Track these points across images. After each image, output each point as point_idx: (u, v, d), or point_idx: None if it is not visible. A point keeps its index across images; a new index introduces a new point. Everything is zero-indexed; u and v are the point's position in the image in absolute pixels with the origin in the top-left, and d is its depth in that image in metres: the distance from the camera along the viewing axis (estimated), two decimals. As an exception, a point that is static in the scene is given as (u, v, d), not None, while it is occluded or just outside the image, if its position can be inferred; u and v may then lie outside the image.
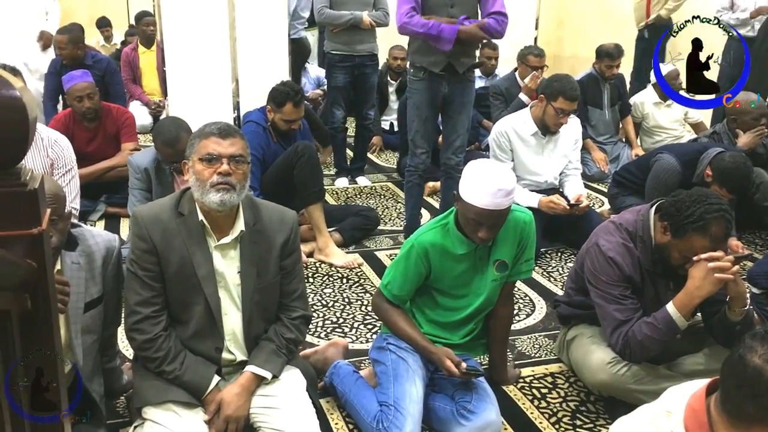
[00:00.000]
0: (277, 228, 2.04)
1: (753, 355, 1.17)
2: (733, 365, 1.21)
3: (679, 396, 1.33)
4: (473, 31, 3.29)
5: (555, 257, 3.75)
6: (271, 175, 3.59)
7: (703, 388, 1.31)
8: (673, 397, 1.35)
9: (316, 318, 2.97)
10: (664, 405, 1.34)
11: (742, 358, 1.18)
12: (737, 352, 1.20)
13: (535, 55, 5.06)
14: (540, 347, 2.80)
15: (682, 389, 1.35)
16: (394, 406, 2.09)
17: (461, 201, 2.11)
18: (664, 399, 1.37)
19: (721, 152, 3.49)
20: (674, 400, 1.33)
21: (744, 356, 1.18)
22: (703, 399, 1.28)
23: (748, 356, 1.17)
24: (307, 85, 5.90)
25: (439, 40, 3.29)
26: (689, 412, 1.28)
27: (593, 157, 5.17)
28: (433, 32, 3.27)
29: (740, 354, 1.19)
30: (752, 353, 1.17)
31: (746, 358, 1.17)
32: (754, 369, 1.15)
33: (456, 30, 3.26)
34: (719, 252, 2.08)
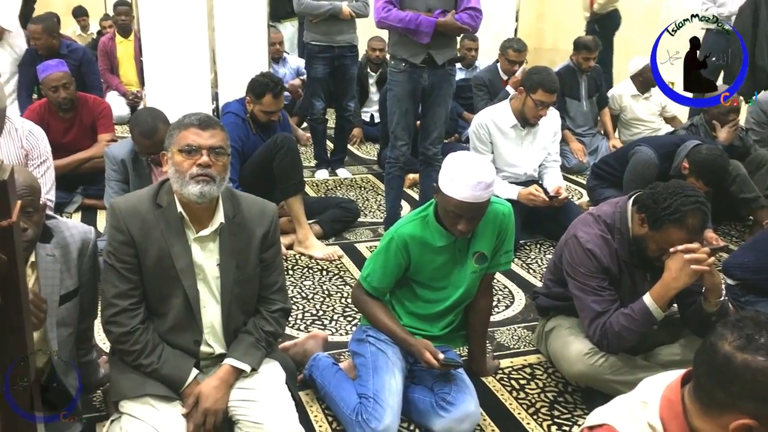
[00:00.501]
0: (256, 220, 2.03)
1: (723, 342, 1.18)
2: (704, 353, 1.22)
3: (654, 387, 1.35)
4: (450, 22, 3.30)
5: (534, 249, 3.77)
6: (251, 167, 3.57)
7: (678, 378, 1.32)
8: (648, 388, 1.36)
9: (295, 310, 2.96)
10: (639, 396, 1.35)
11: (713, 346, 1.19)
12: (708, 340, 1.22)
13: (515, 50, 5.08)
14: (519, 338, 2.82)
15: (658, 380, 1.36)
16: (374, 398, 2.09)
17: (441, 193, 2.11)
18: (639, 390, 1.38)
19: (698, 145, 3.53)
20: (650, 391, 1.34)
21: (715, 344, 1.19)
22: (678, 389, 1.29)
23: (719, 344, 1.18)
24: (287, 76, 5.86)
25: (417, 33, 3.29)
26: (664, 402, 1.29)
27: (571, 148, 5.21)
28: (411, 26, 3.28)
29: (711, 342, 1.20)
30: (723, 341, 1.18)
31: (717, 345, 1.18)
32: (723, 356, 1.16)
33: (433, 23, 3.27)
34: (695, 244, 2.10)
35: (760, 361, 1.12)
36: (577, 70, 5.27)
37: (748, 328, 1.16)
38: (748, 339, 1.15)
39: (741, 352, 1.15)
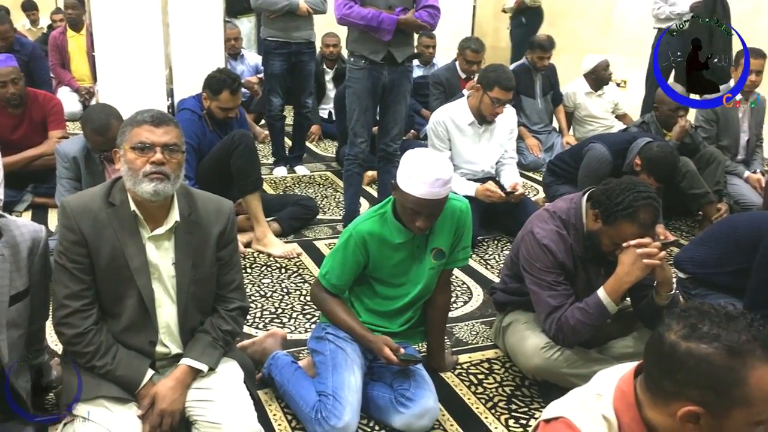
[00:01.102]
0: (213, 218, 2.00)
1: (669, 332, 1.21)
2: (652, 343, 1.25)
3: (608, 379, 1.37)
4: (411, 20, 3.32)
5: (491, 245, 3.81)
6: (207, 164, 3.53)
7: (632, 370, 1.35)
8: (603, 380, 1.39)
9: (254, 309, 2.94)
10: (594, 388, 1.38)
11: (659, 336, 1.22)
12: (656, 331, 1.25)
13: (473, 50, 5.13)
14: (477, 334, 2.84)
15: (612, 372, 1.39)
16: (333, 395, 2.09)
17: (399, 190, 2.12)
18: (594, 382, 1.41)
19: (650, 142, 3.61)
20: (604, 383, 1.37)
21: (661, 334, 1.22)
22: (631, 381, 1.32)
23: (665, 334, 1.21)
24: (244, 73, 5.80)
25: (378, 31, 3.29)
26: (618, 393, 1.32)
27: (527, 145, 5.28)
28: (374, 23, 3.28)
29: (658, 332, 1.23)
30: (669, 331, 1.21)
31: (663, 335, 1.21)
32: (669, 345, 1.19)
33: (395, 20, 3.28)
34: (647, 238, 2.15)
35: (703, 349, 1.15)
36: (532, 69, 5.35)
37: (693, 317, 1.20)
38: (692, 328, 1.18)
39: (685, 341, 1.18)
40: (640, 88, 5.91)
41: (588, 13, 7.12)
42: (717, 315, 1.19)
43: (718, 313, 1.19)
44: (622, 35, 6.78)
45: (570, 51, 6.32)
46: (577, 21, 7.14)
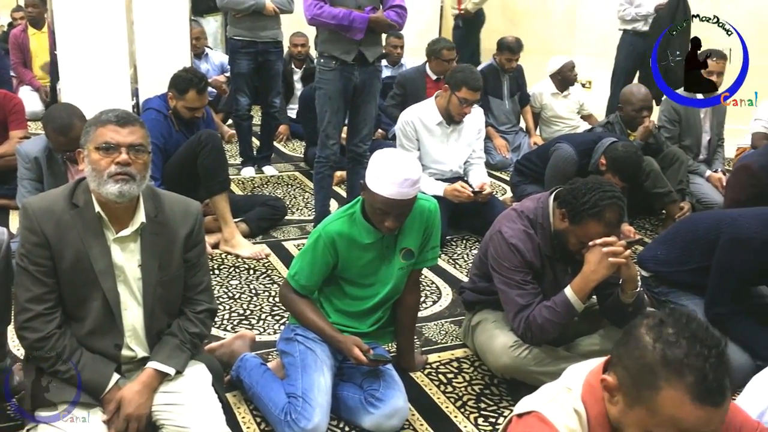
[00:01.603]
0: (180, 219, 1.98)
1: (644, 320, 1.25)
2: (628, 333, 1.28)
3: (578, 373, 1.40)
4: (382, 18, 3.32)
5: (460, 244, 3.83)
6: (174, 164, 3.49)
7: (601, 364, 1.37)
8: (572, 374, 1.41)
9: (222, 310, 2.91)
10: (564, 382, 1.40)
11: (636, 326, 1.25)
12: (636, 322, 1.28)
13: (448, 49, 5.15)
14: (446, 333, 2.85)
15: (581, 367, 1.41)
16: (303, 397, 2.08)
17: (368, 190, 2.11)
18: (564, 377, 1.43)
19: (614, 142, 3.66)
20: (573, 377, 1.39)
21: (638, 324, 1.25)
22: (600, 375, 1.34)
23: (641, 319, 1.25)
24: (209, 72, 5.75)
25: (350, 30, 3.29)
26: (587, 387, 1.34)
27: (495, 145, 5.32)
28: (345, 22, 3.28)
29: (636, 323, 1.26)
30: (646, 319, 1.25)
31: (638, 319, 1.26)
32: (633, 324, 1.25)
33: (366, 19, 3.28)
34: (613, 237, 2.18)
35: (648, 341, 1.20)
36: (500, 70, 5.39)
37: (670, 321, 1.21)
38: (660, 324, 1.21)
39: (644, 329, 1.23)
40: (605, 89, 5.99)
41: (553, 15, 7.20)
42: (686, 330, 1.20)
43: (689, 329, 1.20)
44: (588, 36, 6.87)
45: (536, 52, 6.37)
46: (542, 22, 7.22)
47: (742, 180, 3.01)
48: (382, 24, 3.37)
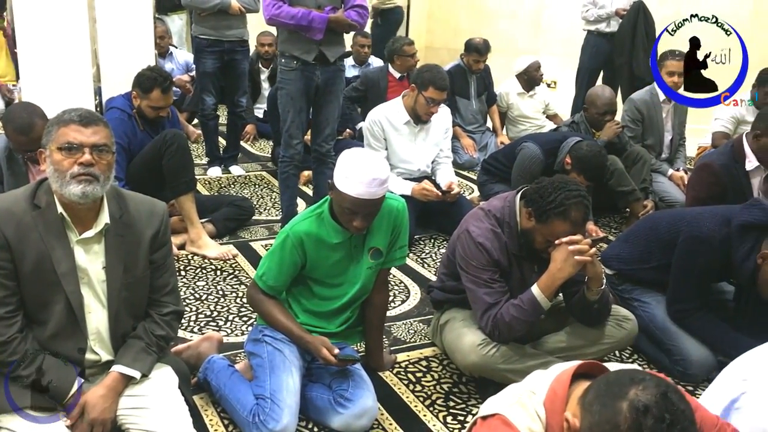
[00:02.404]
0: (145, 220, 1.95)
1: (638, 388, 1.21)
2: (624, 375, 1.26)
3: (543, 378, 1.41)
4: (342, 18, 3.32)
5: (428, 244, 3.85)
6: (139, 164, 3.44)
7: (569, 372, 1.37)
8: (538, 379, 1.42)
9: (188, 312, 2.88)
10: (529, 386, 1.41)
11: (632, 381, 1.22)
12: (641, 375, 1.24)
13: (409, 44, 5.18)
14: (415, 332, 2.86)
15: (548, 372, 1.43)
16: (271, 398, 2.07)
17: (336, 190, 2.11)
18: (529, 380, 1.44)
19: (579, 141, 3.71)
20: (538, 382, 1.40)
21: (635, 381, 1.22)
22: (567, 385, 1.35)
23: (636, 384, 1.21)
24: (174, 71, 5.67)
25: (309, 30, 3.28)
26: (550, 394, 1.35)
27: (462, 144, 5.35)
28: (304, 22, 3.26)
29: (636, 377, 1.23)
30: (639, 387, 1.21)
31: (634, 384, 1.21)
32: (622, 391, 1.21)
33: (326, 18, 3.27)
34: (578, 235, 2.21)
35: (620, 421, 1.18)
36: (467, 70, 5.42)
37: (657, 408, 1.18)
38: (645, 409, 1.18)
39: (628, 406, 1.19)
40: (570, 89, 6.06)
41: (520, 15, 7.26)
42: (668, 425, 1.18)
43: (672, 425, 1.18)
44: (553, 37, 6.95)
45: (502, 52, 6.43)
46: (509, 22, 7.27)
47: (703, 178, 3.07)
48: (342, 24, 3.36)
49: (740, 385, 1.60)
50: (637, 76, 5.33)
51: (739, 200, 2.86)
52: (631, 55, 5.42)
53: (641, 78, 5.20)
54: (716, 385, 1.77)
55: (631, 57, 5.42)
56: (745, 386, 1.58)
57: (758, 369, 1.58)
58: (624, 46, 5.43)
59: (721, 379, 1.77)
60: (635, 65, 5.40)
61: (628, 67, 5.43)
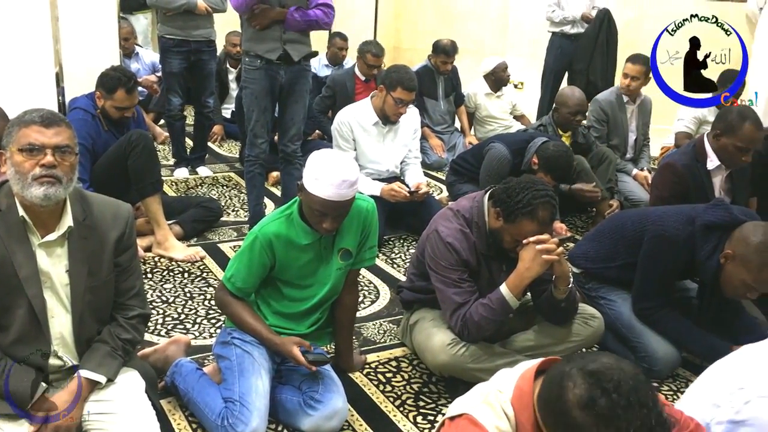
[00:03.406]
0: (110, 222, 1.92)
1: (570, 387, 1.22)
2: (551, 384, 1.27)
3: (509, 376, 1.42)
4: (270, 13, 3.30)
5: (398, 244, 3.85)
6: (103, 166, 3.39)
7: (533, 369, 1.39)
8: (504, 377, 1.43)
9: (155, 315, 2.84)
10: (495, 384, 1.42)
11: (560, 386, 1.24)
12: (561, 375, 1.25)
13: (374, 54, 5.18)
14: (385, 332, 2.86)
15: (513, 371, 1.44)
16: (240, 401, 2.05)
17: (305, 192, 2.10)
18: (496, 378, 1.45)
19: (546, 141, 3.75)
20: (505, 380, 1.41)
21: (564, 385, 1.24)
22: (531, 381, 1.36)
23: (567, 386, 1.23)
24: (140, 71, 5.60)
25: None
26: (517, 392, 1.36)
27: (431, 145, 5.37)
28: None
29: (561, 381, 1.24)
30: (570, 385, 1.23)
31: (564, 387, 1.23)
32: (563, 403, 1.22)
33: None
34: (546, 235, 2.24)
35: (589, 426, 1.19)
36: (435, 71, 5.44)
37: (597, 388, 1.20)
38: (591, 400, 1.20)
39: (579, 409, 1.20)
40: (536, 90, 6.12)
41: (487, 16, 7.31)
42: (618, 397, 1.19)
43: (621, 394, 1.19)
44: (519, 38, 7.00)
45: (470, 53, 6.47)
46: (476, 23, 7.31)
47: (667, 178, 3.12)
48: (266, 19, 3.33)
49: (738, 394, 1.52)
50: (591, 81, 5.42)
51: (702, 199, 2.92)
52: (589, 62, 5.50)
53: (595, 84, 5.29)
54: (702, 394, 1.66)
55: (589, 65, 5.51)
56: (745, 395, 1.50)
57: (754, 376, 1.52)
58: (586, 53, 5.51)
59: (708, 388, 1.66)
60: (591, 71, 5.49)
61: (585, 73, 5.52)
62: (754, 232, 2.28)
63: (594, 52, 5.47)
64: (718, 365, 1.69)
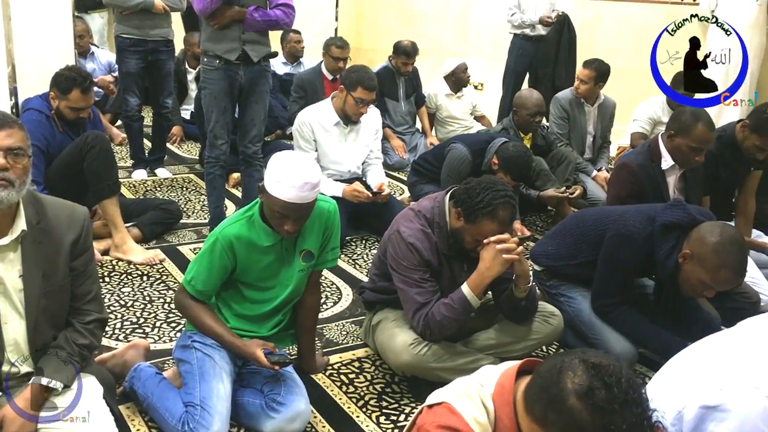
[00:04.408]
0: (65, 226, 1.88)
1: (570, 376, 1.23)
2: (550, 371, 1.27)
3: (492, 372, 1.44)
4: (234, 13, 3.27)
5: (360, 245, 3.85)
6: (58, 168, 3.32)
7: (515, 367, 1.40)
8: (487, 373, 1.45)
9: (113, 319, 2.79)
10: (478, 378, 1.44)
11: (560, 373, 1.24)
12: (560, 363, 1.26)
13: (338, 46, 5.19)
14: (347, 333, 2.86)
15: (496, 368, 1.46)
16: (201, 405, 2.02)
17: (266, 194, 2.09)
18: (479, 373, 1.47)
19: (506, 142, 3.79)
20: (487, 375, 1.43)
21: (562, 372, 1.24)
22: (513, 378, 1.38)
23: (566, 374, 1.23)
24: (96, 71, 5.49)
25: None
26: (498, 388, 1.38)
27: (392, 145, 5.39)
28: None
29: (561, 367, 1.25)
30: (570, 374, 1.23)
31: (563, 374, 1.24)
32: (561, 389, 1.22)
33: None
34: (506, 234, 2.26)
35: (585, 416, 1.20)
36: (395, 72, 5.46)
37: (597, 380, 1.21)
38: (590, 391, 1.20)
39: (576, 398, 1.21)
40: (496, 91, 6.18)
41: (447, 17, 7.35)
42: (618, 392, 1.20)
43: (620, 391, 1.20)
44: (480, 40, 7.06)
45: (430, 54, 6.50)
46: (436, 24, 7.35)
47: (623, 177, 3.18)
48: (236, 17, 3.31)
49: (713, 381, 1.51)
50: (557, 86, 5.51)
51: (657, 198, 2.98)
52: (554, 66, 5.59)
53: (561, 88, 5.37)
54: (674, 382, 1.65)
55: (554, 69, 5.59)
56: (719, 382, 1.50)
57: (728, 364, 1.52)
58: (549, 57, 5.60)
59: (679, 376, 1.65)
60: (557, 77, 5.58)
61: (551, 77, 5.60)
62: (712, 232, 2.33)
63: (558, 56, 5.56)
64: (685, 355, 1.70)
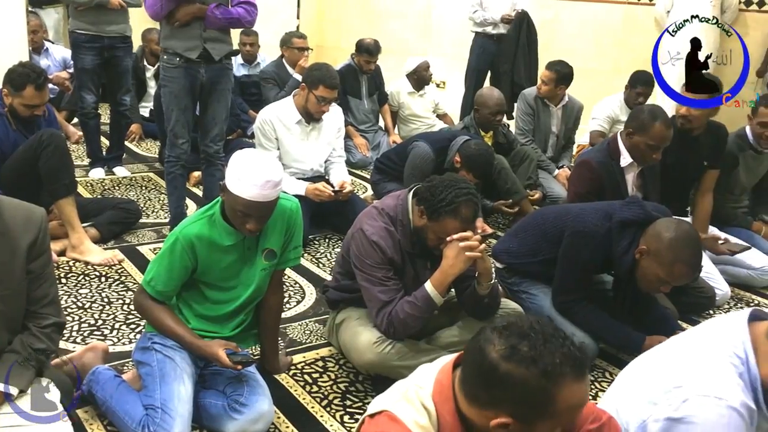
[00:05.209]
0: (21, 228, 1.83)
1: (491, 348, 1.26)
2: (472, 354, 1.30)
3: (429, 371, 1.43)
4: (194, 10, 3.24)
5: (323, 243, 3.84)
6: (12, 167, 3.24)
7: (450, 362, 1.40)
8: (423, 373, 1.44)
9: (71, 322, 2.74)
10: (415, 380, 1.43)
11: (481, 350, 1.27)
12: (478, 343, 1.29)
13: (299, 37, 5.22)
14: (311, 333, 2.85)
15: (433, 365, 1.45)
16: (161, 407, 1.99)
17: (228, 192, 2.06)
18: (415, 374, 1.46)
19: (468, 140, 3.81)
20: (424, 375, 1.42)
21: (483, 348, 1.27)
22: (450, 374, 1.38)
23: (487, 349, 1.26)
24: (50, 68, 5.37)
25: None
26: (437, 386, 1.38)
27: (355, 143, 5.38)
28: None
29: (480, 346, 1.28)
30: (490, 346, 1.26)
31: (485, 350, 1.27)
32: (489, 363, 1.25)
33: None
34: (468, 232, 2.27)
35: (521, 371, 1.23)
36: (358, 71, 5.45)
37: (514, 337, 1.25)
38: (513, 349, 1.24)
39: (505, 361, 1.24)
40: (458, 89, 6.22)
41: (409, 16, 7.37)
42: (535, 336, 1.24)
43: (537, 333, 1.25)
44: (442, 38, 7.10)
45: (393, 52, 6.51)
46: (399, 23, 7.36)
47: (583, 175, 3.23)
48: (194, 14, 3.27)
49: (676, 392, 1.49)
50: (516, 83, 5.57)
51: (616, 195, 3.03)
52: (513, 64, 5.64)
53: (520, 85, 5.43)
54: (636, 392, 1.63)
55: (513, 66, 5.65)
56: (683, 393, 1.48)
57: (692, 374, 1.51)
58: (508, 54, 5.65)
59: (641, 386, 1.63)
60: (516, 73, 5.64)
61: (510, 74, 5.66)
62: (667, 228, 2.38)
63: (516, 53, 5.62)
64: (645, 361, 1.71)
